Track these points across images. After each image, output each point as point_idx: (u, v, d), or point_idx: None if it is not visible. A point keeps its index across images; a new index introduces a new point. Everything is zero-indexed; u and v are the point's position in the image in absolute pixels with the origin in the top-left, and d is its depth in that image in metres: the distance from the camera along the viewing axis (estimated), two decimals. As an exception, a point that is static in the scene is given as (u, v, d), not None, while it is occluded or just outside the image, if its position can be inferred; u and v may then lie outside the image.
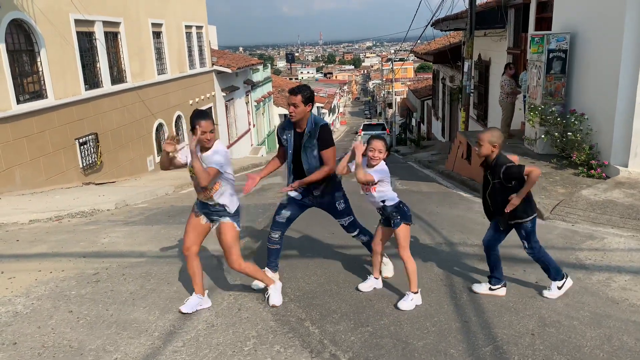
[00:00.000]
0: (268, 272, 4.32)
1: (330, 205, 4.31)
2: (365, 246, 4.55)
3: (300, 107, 3.99)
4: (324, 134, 4.07)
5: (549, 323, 3.62)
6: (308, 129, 4.07)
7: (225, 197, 3.78)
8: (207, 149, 3.68)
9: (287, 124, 4.21)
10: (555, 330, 3.51)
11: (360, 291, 4.21)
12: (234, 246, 3.83)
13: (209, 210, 3.84)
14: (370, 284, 4.26)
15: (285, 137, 4.21)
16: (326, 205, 4.32)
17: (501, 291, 4.09)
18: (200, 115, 3.61)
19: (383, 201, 3.97)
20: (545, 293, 4.01)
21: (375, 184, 3.89)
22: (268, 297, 4.03)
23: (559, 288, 3.99)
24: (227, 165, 3.72)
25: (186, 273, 4.58)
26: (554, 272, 4.00)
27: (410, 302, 3.90)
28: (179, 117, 16.07)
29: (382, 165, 3.93)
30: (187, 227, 3.94)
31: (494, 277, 4.10)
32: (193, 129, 3.58)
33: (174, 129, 15.85)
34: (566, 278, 4.03)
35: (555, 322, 3.62)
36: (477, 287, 4.16)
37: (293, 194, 4.27)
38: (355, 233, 4.44)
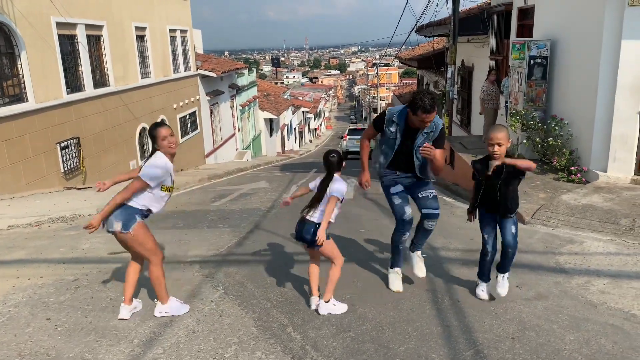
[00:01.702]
0: (399, 270, 4.37)
1: (420, 182, 4.24)
2: (425, 235, 4.37)
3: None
4: (442, 135, 4.07)
5: (529, 327, 3.65)
6: (427, 129, 3.99)
7: None
8: None
9: (399, 115, 4.06)
10: (535, 334, 3.55)
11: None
12: None
13: None
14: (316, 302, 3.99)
15: (393, 129, 4.07)
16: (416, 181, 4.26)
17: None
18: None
19: None
20: (502, 291, 4.01)
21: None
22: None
23: (507, 279, 4.06)
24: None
25: (167, 280, 4.54)
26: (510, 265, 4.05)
27: None
28: (162, 121, 15.96)
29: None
30: (153, 238, 3.91)
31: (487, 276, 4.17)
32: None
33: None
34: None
35: (535, 326, 3.66)
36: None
37: (400, 188, 4.22)
38: (439, 211, 4.23)
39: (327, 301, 3.90)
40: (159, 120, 15.68)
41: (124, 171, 11.18)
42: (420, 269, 4.40)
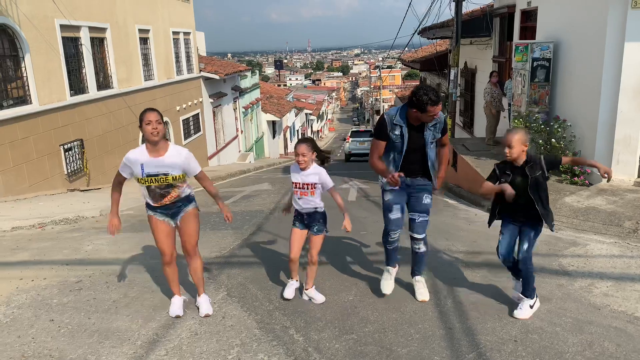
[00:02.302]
0: (391, 269, 4.25)
1: (419, 197, 4.04)
2: (418, 259, 4.18)
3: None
4: (446, 124, 4.02)
5: (532, 329, 3.64)
6: (433, 122, 3.88)
7: (187, 188, 3.92)
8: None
9: (399, 116, 3.90)
10: (538, 337, 3.54)
11: (286, 298, 4.19)
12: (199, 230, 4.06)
13: (172, 209, 3.87)
14: (294, 288, 4.26)
15: (398, 132, 3.90)
16: (415, 193, 4.05)
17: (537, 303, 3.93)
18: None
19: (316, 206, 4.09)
20: (517, 313, 3.82)
21: (314, 187, 4.00)
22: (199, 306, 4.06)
23: (531, 307, 3.85)
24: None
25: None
26: (532, 289, 3.83)
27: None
28: (165, 123, 16.01)
29: (317, 168, 4.00)
30: (159, 235, 3.87)
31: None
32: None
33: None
34: (537, 298, 3.90)
35: (538, 329, 3.65)
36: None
37: (395, 188, 3.99)
38: (423, 236, 4.07)
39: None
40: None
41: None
42: (420, 294, 4.17)
